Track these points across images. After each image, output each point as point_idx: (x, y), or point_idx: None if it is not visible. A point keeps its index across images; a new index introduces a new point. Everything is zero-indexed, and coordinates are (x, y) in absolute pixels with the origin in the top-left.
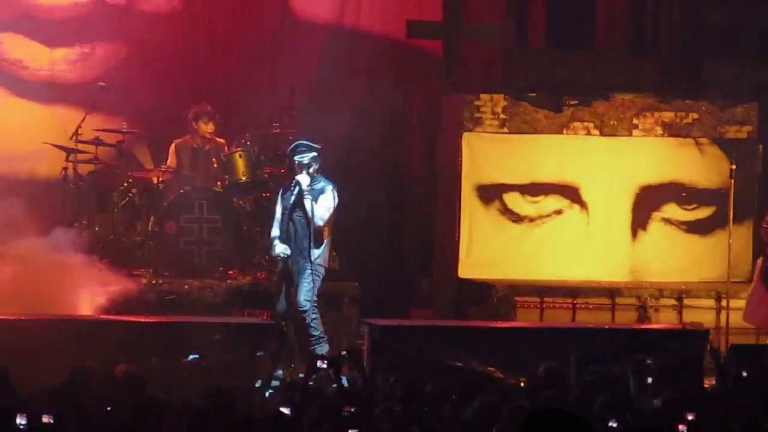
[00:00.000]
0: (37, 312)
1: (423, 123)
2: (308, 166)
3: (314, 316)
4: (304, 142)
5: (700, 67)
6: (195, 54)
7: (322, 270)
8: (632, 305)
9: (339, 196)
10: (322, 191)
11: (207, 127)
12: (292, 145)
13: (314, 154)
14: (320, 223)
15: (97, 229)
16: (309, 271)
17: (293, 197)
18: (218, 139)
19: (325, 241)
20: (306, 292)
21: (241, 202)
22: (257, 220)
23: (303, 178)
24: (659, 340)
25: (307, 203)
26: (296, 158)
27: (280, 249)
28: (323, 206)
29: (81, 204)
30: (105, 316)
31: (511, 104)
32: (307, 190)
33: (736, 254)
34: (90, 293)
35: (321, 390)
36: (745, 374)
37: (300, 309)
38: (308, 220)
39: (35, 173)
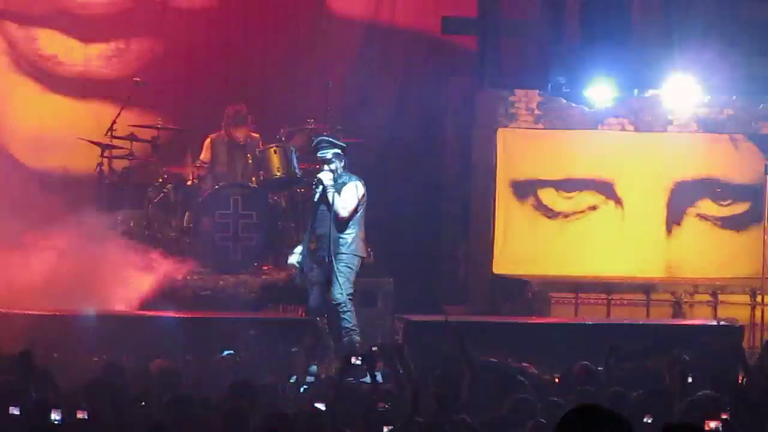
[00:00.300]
0: (72, 308)
1: (458, 119)
2: (330, 161)
3: (348, 308)
4: (327, 138)
5: (735, 64)
6: (230, 50)
7: (355, 261)
8: (667, 301)
9: (373, 191)
10: (344, 184)
11: (239, 132)
12: (315, 141)
13: (337, 150)
14: (344, 213)
15: (132, 224)
16: (342, 264)
17: (316, 194)
18: (253, 135)
19: (355, 232)
20: (340, 286)
21: (275, 198)
22: (292, 216)
23: (324, 175)
24: (694, 336)
25: (330, 196)
26: (318, 154)
27: (292, 259)
28: (347, 197)
29: (116, 200)
30: (139, 312)
31: (545, 100)
32: (329, 185)
33: None
34: (125, 288)
35: (355, 386)
36: None
37: (334, 303)
38: (331, 212)
39: (70, 168)
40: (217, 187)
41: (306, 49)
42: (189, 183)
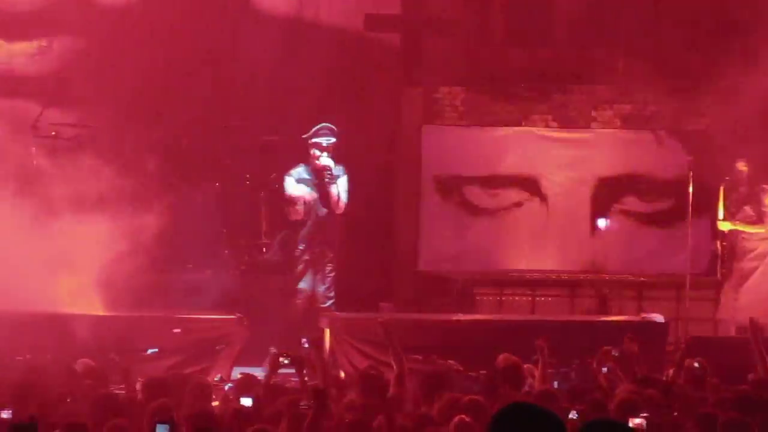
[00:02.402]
0: None
1: (384, 117)
2: (329, 150)
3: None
4: (327, 125)
5: (659, 59)
6: (154, 48)
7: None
8: (592, 297)
9: None
10: (338, 176)
11: None
12: (315, 128)
13: (334, 139)
14: (342, 207)
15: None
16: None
17: (317, 181)
18: None
19: None
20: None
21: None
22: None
23: (329, 161)
24: (619, 332)
25: (334, 188)
26: (319, 140)
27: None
28: (343, 190)
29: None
30: (64, 311)
31: (470, 97)
32: (337, 174)
33: (696, 246)
34: (53, 289)
35: (282, 384)
36: (697, 365)
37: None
38: (335, 204)
39: None
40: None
41: (230, 48)
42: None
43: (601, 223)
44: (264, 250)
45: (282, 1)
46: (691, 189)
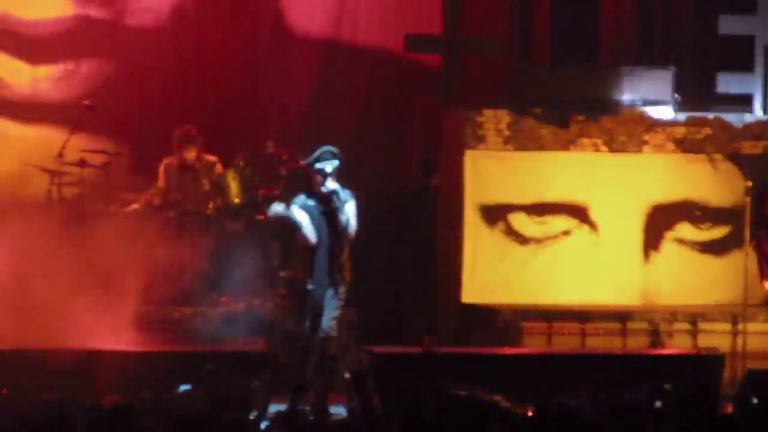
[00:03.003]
0: (23, 344)
1: (424, 141)
2: (331, 175)
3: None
4: (330, 149)
5: (713, 81)
6: (184, 71)
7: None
8: (644, 330)
9: None
10: (346, 201)
11: (189, 153)
12: (318, 152)
13: (338, 162)
14: (352, 234)
15: (83, 254)
16: (341, 290)
17: (323, 208)
18: (208, 157)
19: None
20: (333, 314)
21: (233, 226)
22: (251, 244)
23: (335, 185)
24: (673, 366)
25: (342, 215)
26: (325, 165)
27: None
28: (352, 216)
29: (67, 229)
30: (91, 347)
31: (515, 120)
32: (345, 199)
33: (753, 275)
34: (76, 324)
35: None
36: (756, 401)
37: (328, 331)
38: (343, 232)
39: (18, 196)
40: (171, 214)
41: (263, 69)
42: (143, 211)
43: None
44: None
45: (317, 20)
46: (748, 216)
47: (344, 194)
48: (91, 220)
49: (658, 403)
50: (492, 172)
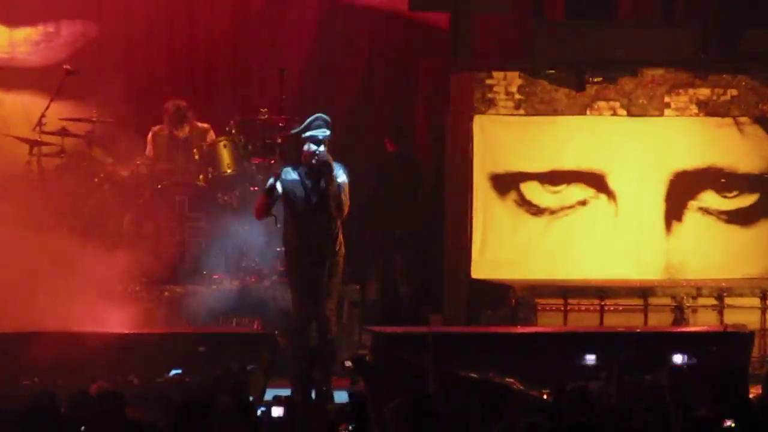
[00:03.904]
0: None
1: (429, 105)
2: (323, 144)
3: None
4: (322, 116)
5: (739, 39)
6: (172, 32)
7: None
8: (667, 306)
9: None
10: (338, 176)
11: (181, 132)
12: (309, 119)
13: (329, 133)
14: (346, 206)
15: (64, 230)
16: (339, 267)
17: (311, 181)
18: (200, 125)
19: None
20: (335, 292)
21: (226, 198)
22: (245, 218)
23: (325, 157)
24: (698, 345)
25: (332, 189)
26: (314, 134)
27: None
28: (343, 191)
29: (48, 204)
30: (75, 329)
31: (527, 83)
32: (334, 174)
33: None
34: (58, 305)
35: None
36: None
37: (327, 312)
38: (336, 203)
39: None
40: (159, 186)
41: (257, 30)
42: (129, 182)
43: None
44: None
45: None
46: None
47: (336, 167)
48: (73, 194)
49: (682, 385)
50: (502, 139)
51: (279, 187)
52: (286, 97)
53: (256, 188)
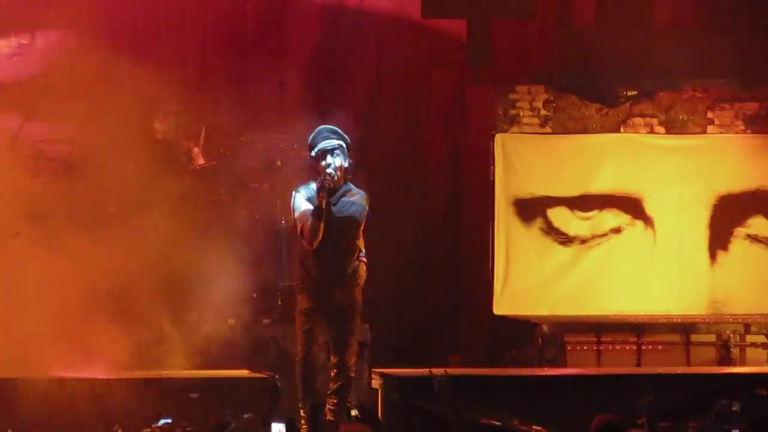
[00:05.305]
0: None
1: (445, 123)
2: (335, 155)
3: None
4: (328, 126)
5: None
6: (162, 42)
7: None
8: (712, 344)
9: None
10: (354, 201)
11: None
12: (313, 133)
13: (342, 143)
14: (359, 242)
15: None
16: (353, 305)
17: (324, 204)
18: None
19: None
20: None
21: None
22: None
23: (332, 171)
24: (746, 387)
25: (347, 215)
26: (326, 144)
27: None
28: (359, 217)
29: (23, 235)
30: (54, 374)
31: (554, 97)
32: (350, 199)
33: None
34: (37, 349)
35: None
36: None
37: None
38: (349, 229)
39: None
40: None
41: (254, 39)
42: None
43: None
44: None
45: None
46: None
47: (354, 192)
48: (50, 223)
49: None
50: (527, 159)
51: (300, 201)
52: (286, 112)
53: (257, 216)
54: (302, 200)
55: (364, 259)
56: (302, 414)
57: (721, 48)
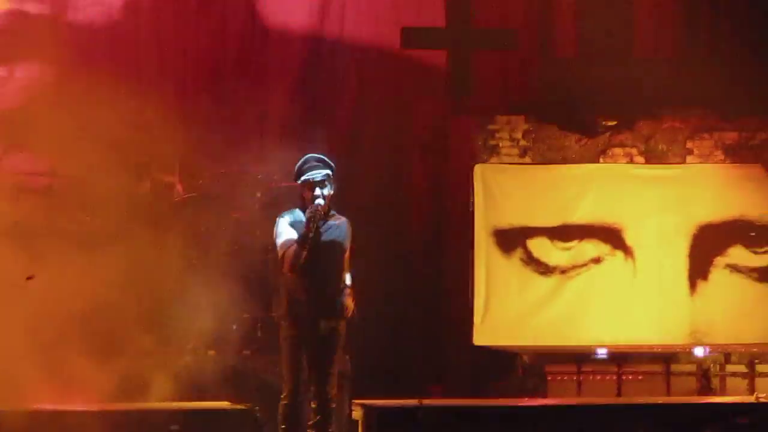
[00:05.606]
0: None
1: (426, 153)
2: (323, 185)
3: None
4: (314, 155)
5: None
6: (140, 75)
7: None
8: (692, 374)
9: None
10: (340, 230)
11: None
12: (300, 162)
13: (329, 172)
14: (344, 273)
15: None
16: (337, 336)
17: (309, 232)
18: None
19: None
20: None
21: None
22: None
23: (322, 201)
24: (727, 417)
25: (331, 245)
26: (313, 174)
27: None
28: (344, 238)
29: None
30: (34, 406)
31: (534, 128)
32: (336, 229)
33: None
34: (16, 382)
35: None
36: None
37: (327, 400)
38: (334, 253)
39: None
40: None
41: (235, 71)
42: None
43: None
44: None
45: (298, 10)
46: None
47: (338, 216)
48: (30, 253)
49: None
50: (507, 190)
51: (283, 226)
52: (260, 148)
53: (236, 248)
54: (285, 225)
55: (350, 291)
56: None
57: (700, 78)
